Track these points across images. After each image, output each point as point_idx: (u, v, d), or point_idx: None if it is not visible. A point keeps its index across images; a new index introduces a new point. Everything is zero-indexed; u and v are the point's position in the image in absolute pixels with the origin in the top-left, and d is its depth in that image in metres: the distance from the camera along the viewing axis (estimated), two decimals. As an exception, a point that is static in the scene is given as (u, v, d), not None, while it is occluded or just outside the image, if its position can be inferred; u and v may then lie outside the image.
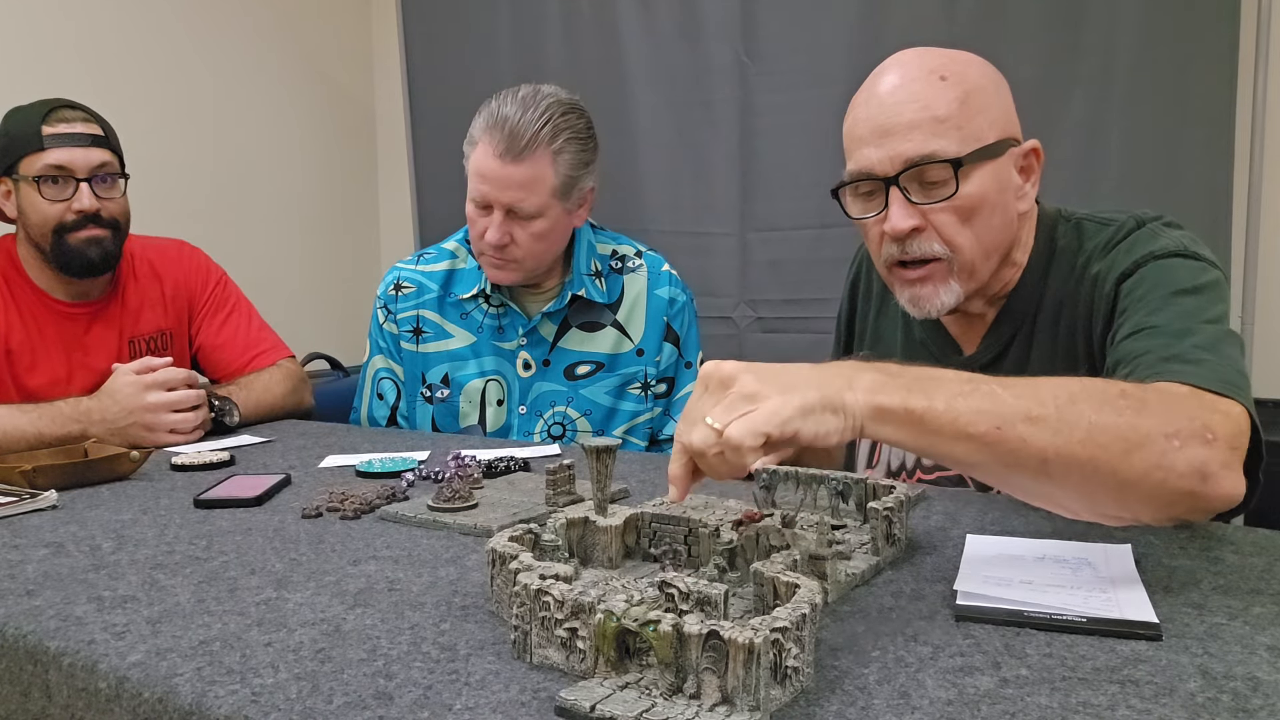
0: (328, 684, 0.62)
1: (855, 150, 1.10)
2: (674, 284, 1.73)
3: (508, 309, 1.69)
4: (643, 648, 0.57)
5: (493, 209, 1.56)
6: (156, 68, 2.48)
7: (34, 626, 0.73)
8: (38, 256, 1.74)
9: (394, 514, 1.03)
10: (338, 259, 2.98)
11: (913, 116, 1.05)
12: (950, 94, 1.05)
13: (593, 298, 1.68)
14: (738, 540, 0.79)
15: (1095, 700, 0.58)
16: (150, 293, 1.88)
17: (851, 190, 1.13)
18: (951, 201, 1.05)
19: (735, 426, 0.71)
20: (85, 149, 1.70)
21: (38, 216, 1.69)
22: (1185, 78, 1.91)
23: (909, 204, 1.06)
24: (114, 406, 1.53)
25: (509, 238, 1.56)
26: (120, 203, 1.77)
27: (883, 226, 1.08)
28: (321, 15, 2.90)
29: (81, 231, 1.69)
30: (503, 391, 1.69)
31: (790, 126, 2.22)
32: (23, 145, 1.69)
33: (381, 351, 1.77)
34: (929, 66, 1.07)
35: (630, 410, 1.69)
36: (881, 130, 1.06)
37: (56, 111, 1.71)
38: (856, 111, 1.11)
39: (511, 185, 1.53)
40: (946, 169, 1.04)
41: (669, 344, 1.71)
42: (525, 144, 1.51)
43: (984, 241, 1.09)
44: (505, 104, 1.55)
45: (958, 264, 1.09)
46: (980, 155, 1.05)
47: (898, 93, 1.07)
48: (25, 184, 1.69)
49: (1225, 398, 0.83)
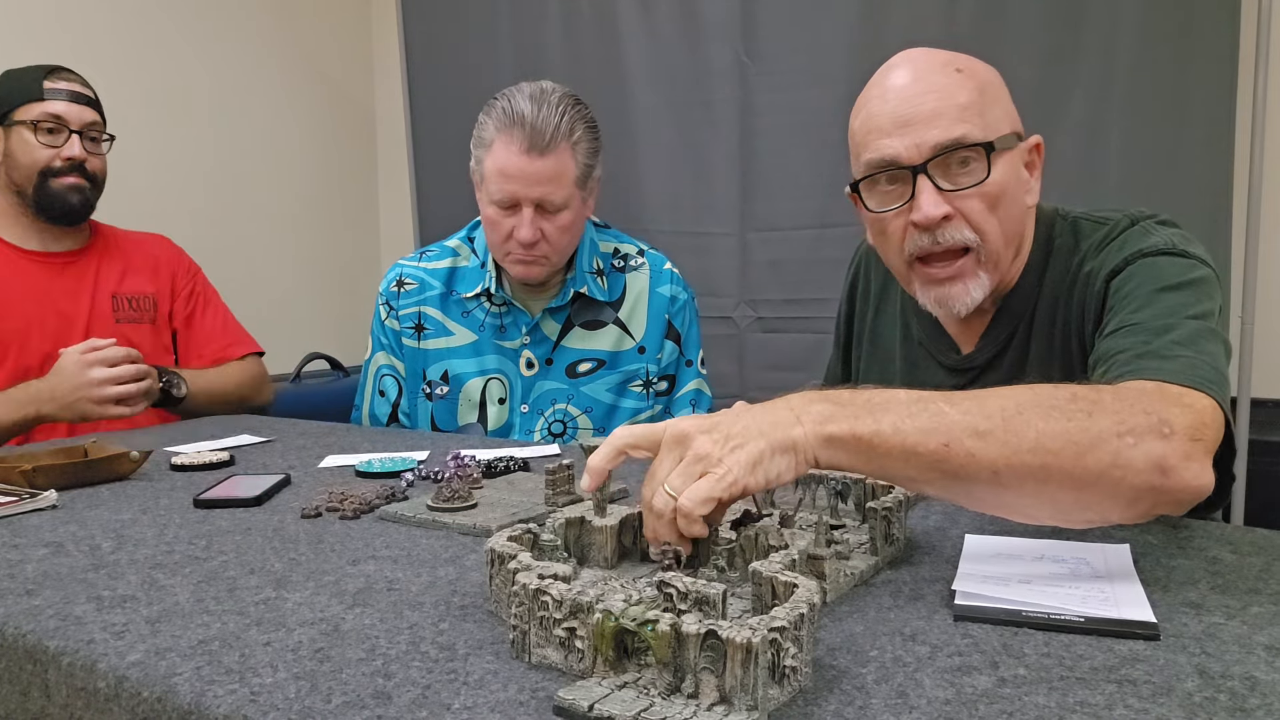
0: (326, 683, 0.62)
1: (873, 143, 1.09)
2: (675, 282, 1.74)
3: (511, 308, 1.69)
4: (641, 647, 0.57)
5: (520, 207, 1.56)
6: (157, 68, 2.48)
7: (33, 626, 0.73)
8: (15, 204, 1.86)
9: (393, 514, 1.03)
10: (337, 259, 2.98)
11: (936, 105, 1.05)
12: (968, 84, 1.07)
13: (595, 295, 1.68)
14: (736, 540, 0.79)
15: (1093, 700, 0.58)
16: (136, 258, 2.00)
17: (869, 185, 1.11)
18: (981, 187, 1.06)
19: (686, 495, 0.74)
20: (80, 106, 1.87)
21: (28, 159, 1.82)
22: (1185, 78, 1.91)
23: (938, 191, 1.06)
24: (62, 384, 1.65)
25: (539, 234, 1.56)
26: (102, 161, 1.92)
27: (910, 217, 1.08)
28: (321, 15, 2.91)
29: (66, 178, 1.84)
30: (504, 390, 1.69)
31: (790, 126, 2.22)
32: (21, 94, 1.83)
33: (383, 348, 1.77)
34: (941, 60, 1.09)
35: (631, 408, 1.69)
36: (903, 120, 1.06)
37: (57, 71, 1.87)
38: (870, 107, 1.10)
39: (541, 180, 1.54)
40: (978, 153, 1.05)
41: (670, 341, 1.71)
42: (549, 138, 1.52)
43: (1006, 231, 1.09)
44: (518, 102, 1.55)
45: (985, 253, 1.08)
46: (1003, 143, 1.07)
47: (916, 84, 1.07)
48: (22, 128, 1.83)
49: (1193, 390, 0.82)
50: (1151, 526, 0.94)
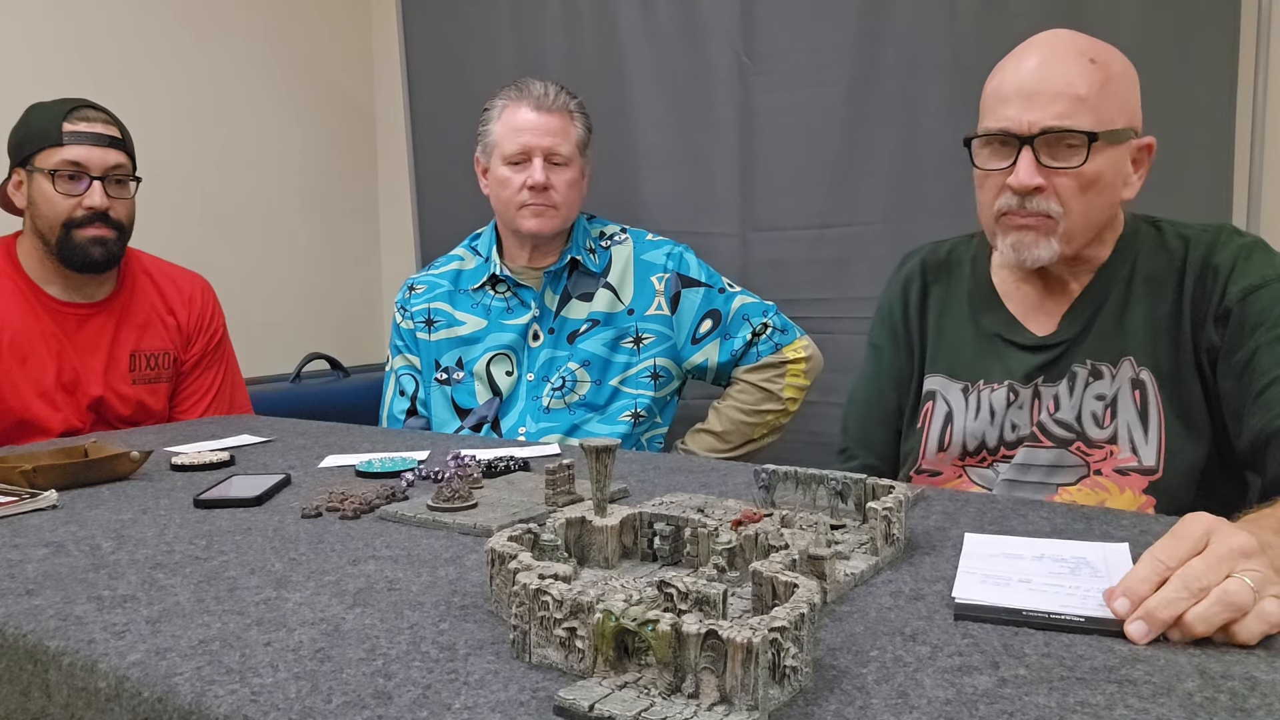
0: (327, 683, 0.62)
1: (997, 108, 1.19)
2: (658, 245, 1.89)
3: (515, 290, 1.86)
4: (641, 647, 0.57)
5: (532, 158, 1.78)
6: (157, 69, 2.48)
7: (34, 626, 0.73)
8: (41, 250, 1.77)
9: (393, 514, 1.03)
10: (338, 259, 2.98)
11: (1058, 88, 1.15)
12: (1095, 76, 1.16)
13: (588, 265, 1.85)
14: (736, 540, 0.79)
15: (1093, 700, 0.58)
16: (159, 313, 1.93)
17: (981, 143, 1.22)
18: (1078, 171, 1.15)
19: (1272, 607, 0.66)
20: (103, 149, 1.76)
21: (49, 209, 1.73)
22: (1185, 78, 1.91)
23: (1038, 164, 1.16)
24: None
25: (549, 181, 1.78)
26: (128, 205, 1.82)
27: (1007, 179, 1.18)
28: (321, 16, 2.90)
29: (89, 229, 1.74)
30: (510, 363, 1.85)
31: (790, 126, 2.21)
32: (42, 138, 1.73)
33: (401, 351, 1.94)
34: (1079, 48, 1.18)
35: (623, 362, 1.84)
36: (1026, 95, 1.16)
37: (78, 110, 1.77)
38: (1004, 74, 1.21)
39: (550, 131, 1.78)
40: (1080, 139, 1.15)
41: (689, 289, 1.86)
42: (554, 100, 1.80)
43: (1091, 215, 1.19)
44: (523, 83, 1.81)
45: (1064, 226, 1.18)
46: (1110, 137, 1.16)
47: (1048, 64, 1.17)
48: (40, 176, 1.73)
49: None
50: (1151, 526, 0.94)
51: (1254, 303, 1.13)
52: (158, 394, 1.89)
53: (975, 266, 1.37)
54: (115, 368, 1.82)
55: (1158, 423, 1.19)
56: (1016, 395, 1.27)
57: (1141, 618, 0.66)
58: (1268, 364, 1.10)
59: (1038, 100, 1.15)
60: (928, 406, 1.34)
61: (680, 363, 1.86)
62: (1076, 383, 1.23)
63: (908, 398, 1.39)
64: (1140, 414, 1.20)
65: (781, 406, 1.86)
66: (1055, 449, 1.23)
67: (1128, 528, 0.94)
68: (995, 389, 1.28)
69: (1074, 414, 1.22)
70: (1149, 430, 1.19)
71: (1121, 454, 1.20)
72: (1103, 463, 1.21)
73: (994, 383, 1.29)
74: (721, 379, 1.90)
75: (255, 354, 2.41)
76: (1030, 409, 1.26)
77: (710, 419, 1.89)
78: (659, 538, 0.85)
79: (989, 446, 1.28)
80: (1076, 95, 1.14)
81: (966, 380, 1.32)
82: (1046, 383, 1.25)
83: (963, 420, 1.30)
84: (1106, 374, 1.22)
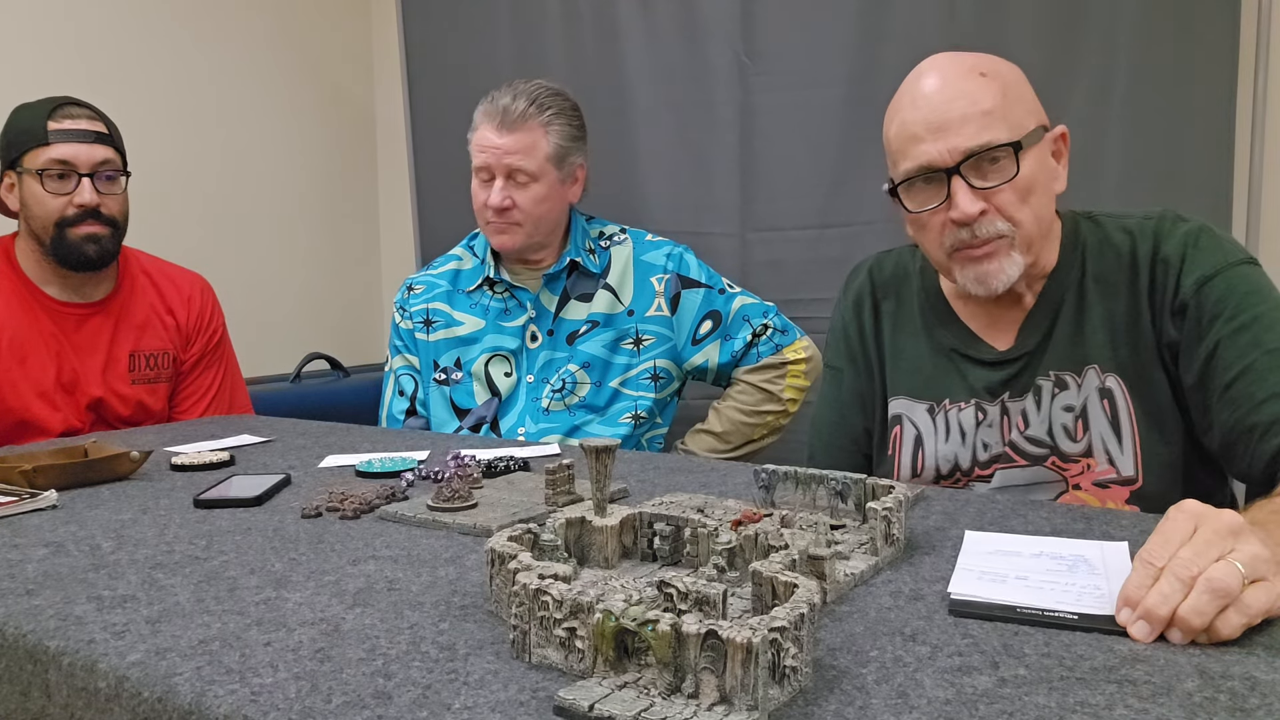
0: (327, 683, 0.62)
1: (909, 149, 1.17)
2: (658, 246, 1.89)
3: (512, 291, 1.85)
4: (641, 647, 0.57)
5: (495, 177, 1.77)
6: (157, 70, 2.48)
7: (34, 626, 0.73)
8: (37, 251, 1.76)
9: (393, 514, 1.04)
10: (338, 259, 2.98)
11: (963, 111, 1.13)
12: (992, 87, 1.14)
13: (588, 266, 1.85)
14: (736, 540, 0.79)
15: (1093, 700, 0.58)
16: (158, 313, 1.92)
17: (907, 188, 1.19)
18: (1012, 183, 1.14)
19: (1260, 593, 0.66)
20: (89, 145, 1.74)
21: (40, 209, 1.72)
22: (1185, 78, 1.91)
23: (972, 190, 1.14)
24: None
25: (510, 201, 1.77)
26: (120, 200, 1.80)
27: (947, 215, 1.16)
28: (321, 16, 2.90)
29: (81, 226, 1.73)
30: (509, 365, 1.85)
31: (790, 126, 2.21)
32: (27, 139, 1.72)
33: (400, 352, 1.93)
34: (966, 65, 1.16)
35: (623, 364, 1.84)
36: (935, 126, 1.14)
37: (62, 108, 1.75)
38: (904, 115, 1.18)
39: (510, 151, 1.75)
40: (1007, 153, 1.13)
41: (689, 290, 1.85)
42: (518, 116, 1.75)
43: (1039, 217, 1.17)
44: (500, 92, 1.79)
45: (1019, 238, 1.16)
46: (1030, 139, 1.14)
47: (944, 91, 1.15)
48: (29, 177, 1.72)
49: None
50: (1151, 526, 0.94)
51: (1209, 293, 1.11)
52: (157, 394, 1.89)
53: (925, 278, 1.34)
54: (114, 368, 1.82)
55: (1130, 431, 1.16)
56: (985, 414, 1.24)
57: (1142, 617, 0.67)
58: (1231, 357, 1.08)
59: (949, 127, 1.13)
60: (895, 431, 1.31)
61: (680, 364, 1.86)
62: (1043, 396, 1.20)
63: (874, 421, 1.36)
64: (1112, 424, 1.17)
65: (781, 407, 1.86)
66: (1030, 467, 1.21)
67: (1128, 527, 0.94)
68: (963, 408, 1.26)
69: (1044, 429, 1.20)
70: (1123, 440, 1.17)
71: (1099, 466, 1.17)
72: (1080, 476, 1.19)
73: (960, 401, 1.26)
74: (722, 380, 1.90)
75: (255, 354, 2.41)
76: (1000, 427, 1.23)
77: (710, 419, 1.89)
78: (659, 538, 0.85)
79: (962, 468, 1.26)
80: (983, 111, 1.12)
81: (930, 400, 1.28)
82: (1012, 398, 1.23)
83: (934, 443, 1.27)
84: (1072, 384, 1.19)
